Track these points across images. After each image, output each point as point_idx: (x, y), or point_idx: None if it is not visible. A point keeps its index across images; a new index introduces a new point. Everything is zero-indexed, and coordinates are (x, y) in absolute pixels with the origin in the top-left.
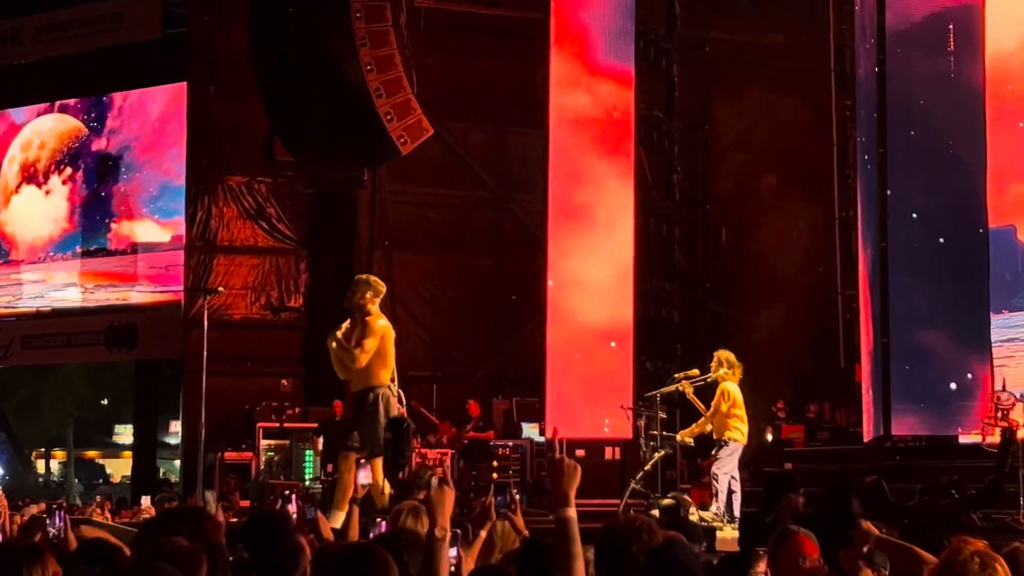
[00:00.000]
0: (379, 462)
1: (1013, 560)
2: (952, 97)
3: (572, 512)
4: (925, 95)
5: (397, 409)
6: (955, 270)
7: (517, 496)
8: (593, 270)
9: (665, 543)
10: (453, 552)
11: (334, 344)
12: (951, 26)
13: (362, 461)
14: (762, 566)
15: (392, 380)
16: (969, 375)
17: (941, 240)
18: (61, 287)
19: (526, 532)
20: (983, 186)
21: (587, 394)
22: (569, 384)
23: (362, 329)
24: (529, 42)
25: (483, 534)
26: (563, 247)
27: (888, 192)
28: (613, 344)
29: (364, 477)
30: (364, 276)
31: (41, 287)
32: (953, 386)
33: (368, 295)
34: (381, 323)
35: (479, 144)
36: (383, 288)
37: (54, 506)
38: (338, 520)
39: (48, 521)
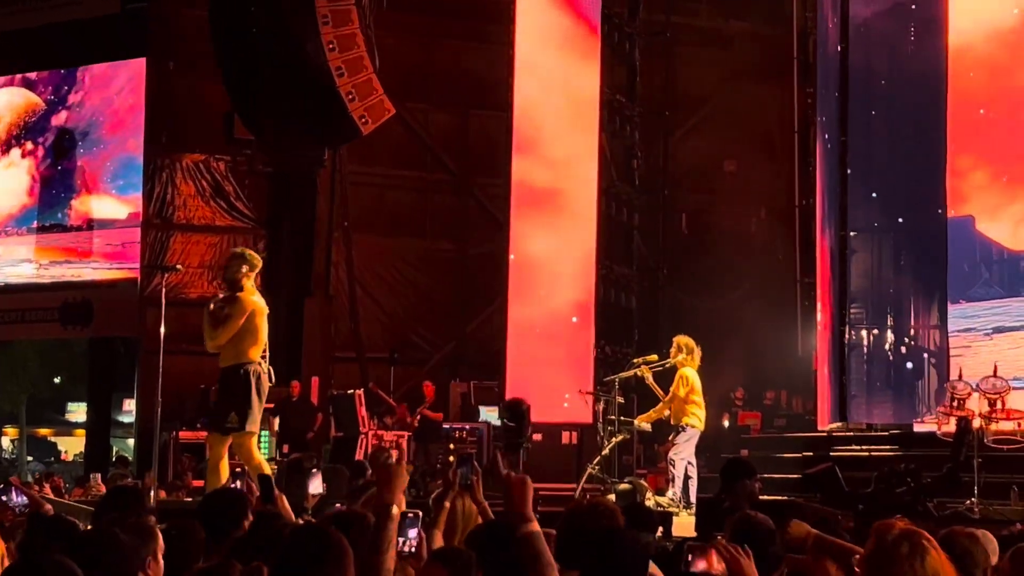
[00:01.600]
0: (252, 440)
1: (950, 543)
2: (914, 83)
3: (535, 526)
4: (887, 79)
5: (267, 386)
6: (913, 256)
7: (479, 467)
8: (555, 254)
9: (617, 527)
10: (413, 533)
11: (205, 315)
12: (914, 10)
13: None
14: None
15: (263, 357)
16: (925, 364)
17: (900, 220)
18: (15, 263)
19: (490, 513)
20: (943, 174)
21: (545, 378)
22: (528, 368)
23: (231, 305)
24: (493, 23)
25: (447, 504)
26: (525, 230)
27: (848, 171)
28: (575, 319)
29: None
30: (240, 249)
31: None
32: (909, 372)
33: (244, 269)
34: (253, 299)
35: (441, 126)
36: (259, 262)
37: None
38: None
39: (5, 499)
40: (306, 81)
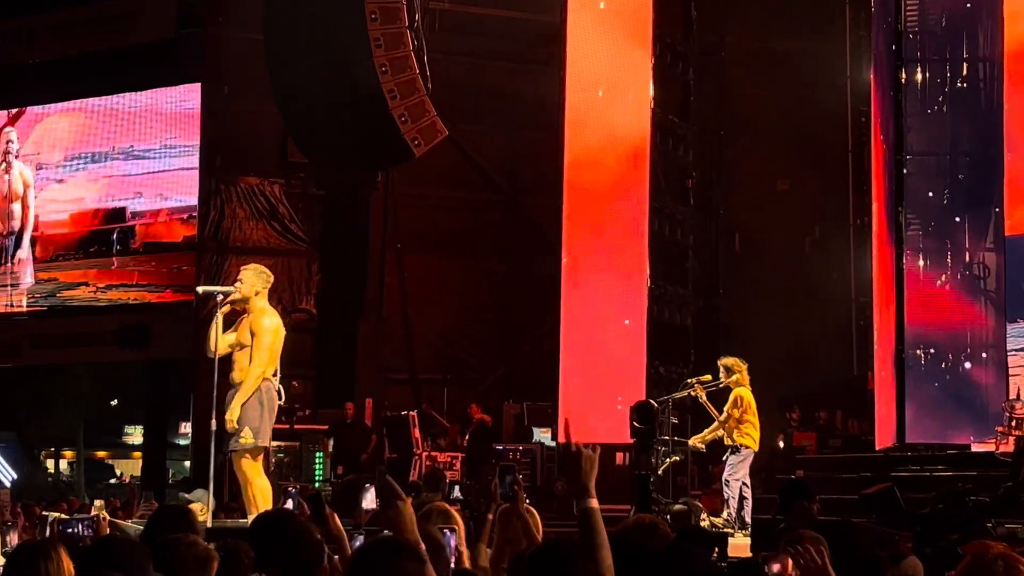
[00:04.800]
0: (260, 457)
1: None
2: (969, 104)
3: (595, 502)
4: (943, 93)
5: (277, 403)
6: (971, 276)
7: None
8: (606, 273)
9: (680, 537)
10: (452, 543)
11: (223, 340)
12: (967, 30)
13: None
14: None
15: (275, 374)
16: (983, 384)
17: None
18: (73, 285)
19: (532, 527)
20: (1001, 193)
21: (598, 398)
22: (581, 388)
23: (250, 335)
24: (544, 45)
25: (490, 517)
26: (576, 250)
27: (905, 190)
28: (627, 340)
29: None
30: (251, 266)
31: (52, 285)
32: (968, 392)
33: (258, 285)
34: (270, 322)
35: (492, 147)
36: (271, 278)
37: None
38: None
39: (72, 531)
40: (359, 104)
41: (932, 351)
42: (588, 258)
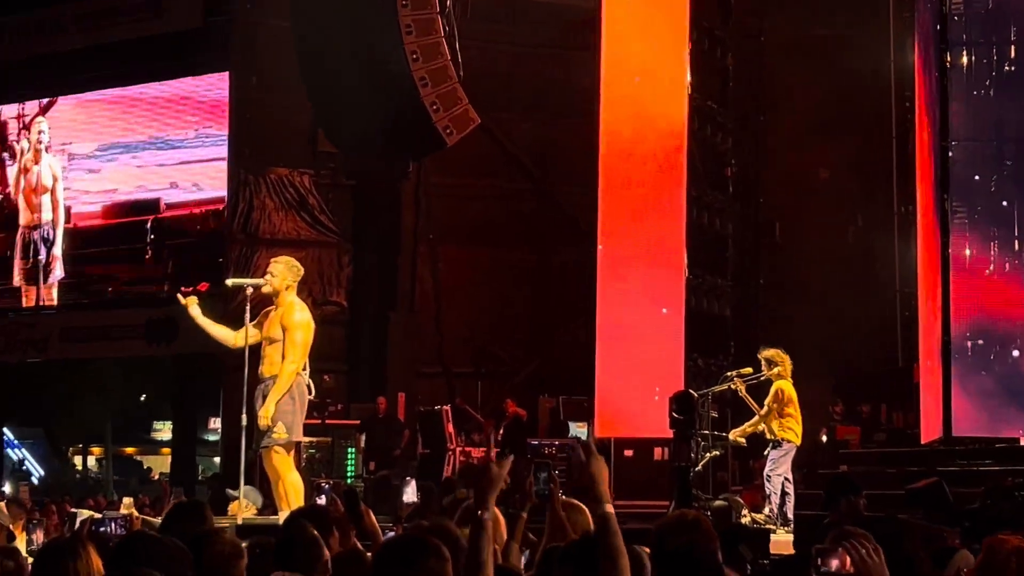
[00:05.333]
0: (292, 452)
1: None
2: (1017, 88)
3: (611, 507)
4: (991, 78)
5: (307, 398)
6: (1020, 265)
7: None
8: (643, 263)
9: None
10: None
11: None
12: (1014, 12)
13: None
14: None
15: (305, 368)
16: None
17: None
18: (104, 278)
19: (568, 528)
20: None
21: (636, 391)
22: (618, 381)
23: (280, 330)
24: (578, 31)
25: (524, 516)
26: (612, 240)
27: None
28: (665, 310)
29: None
30: (282, 258)
31: (82, 279)
32: (1017, 384)
33: (289, 279)
34: (301, 317)
35: (525, 135)
36: (301, 271)
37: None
38: None
39: (104, 529)
40: (390, 92)
41: (980, 342)
42: (624, 247)
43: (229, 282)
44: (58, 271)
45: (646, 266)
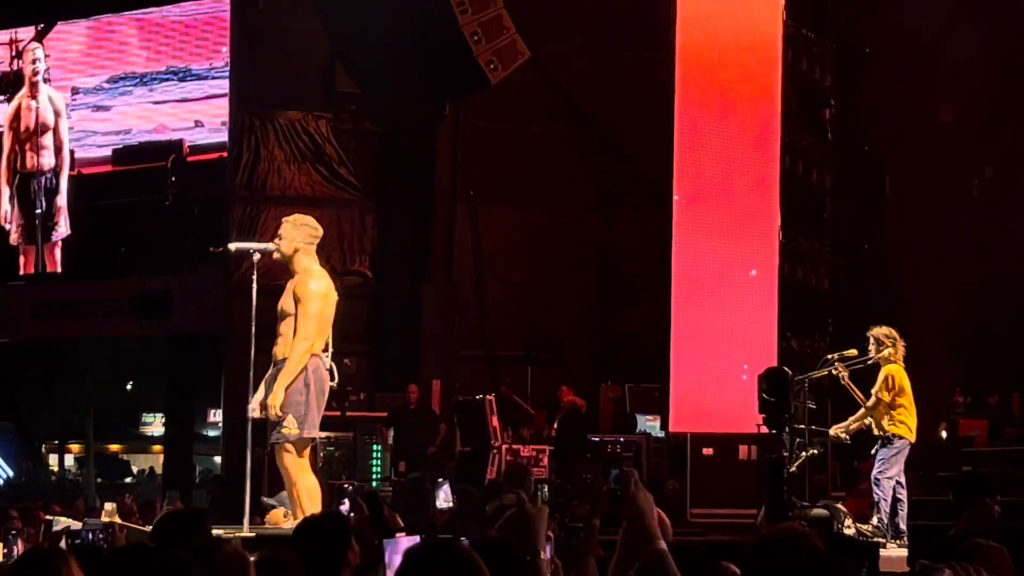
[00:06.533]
0: (307, 451)
1: None
2: None
3: (663, 543)
4: None
5: (328, 386)
6: None
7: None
8: (727, 225)
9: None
10: (547, 554)
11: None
12: None
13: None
14: None
15: (325, 349)
16: None
17: None
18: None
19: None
20: None
21: (717, 377)
22: (696, 367)
23: (293, 302)
24: None
25: (596, 523)
26: (691, 197)
27: None
28: (754, 272)
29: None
30: (293, 217)
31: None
32: None
33: (302, 243)
34: (317, 286)
35: (585, 73)
36: (318, 232)
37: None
38: None
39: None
40: (422, 21)
41: None
42: (704, 207)
43: (232, 246)
44: (63, 227)
45: (730, 226)
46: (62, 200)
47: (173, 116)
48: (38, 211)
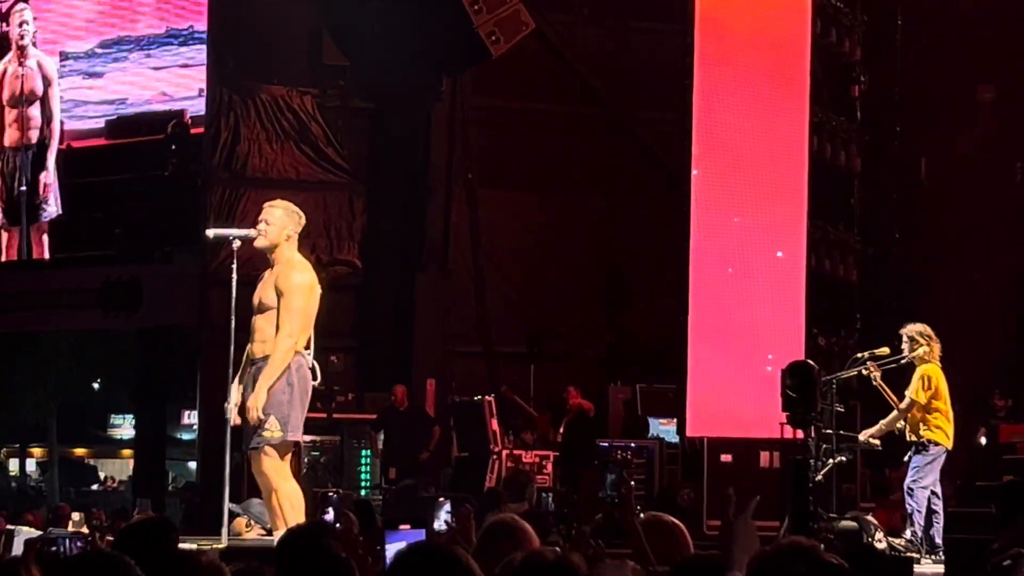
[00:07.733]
0: (289, 456)
1: None
2: None
3: None
4: None
5: (311, 386)
6: None
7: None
8: (749, 211)
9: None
10: None
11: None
12: None
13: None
14: None
15: (307, 347)
16: None
17: None
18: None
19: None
20: None
21: (736, 376)
22: (715, 365)
23: (275, 295)
24: None
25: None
26: (709, 179)
27: None
28: (780, 254)
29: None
30: (278, 203)
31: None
32: None
33: (290, 231)
34: (301, 278)
35: (593, 45)
36: (303, 220)
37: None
38: None
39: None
40: None
41: None
42: (723, 190)
43: (210, 233)
44: (52, 206)
45: (754, 207)
46: (51, 177)
47: (175, 82)
48: (22, 188)
